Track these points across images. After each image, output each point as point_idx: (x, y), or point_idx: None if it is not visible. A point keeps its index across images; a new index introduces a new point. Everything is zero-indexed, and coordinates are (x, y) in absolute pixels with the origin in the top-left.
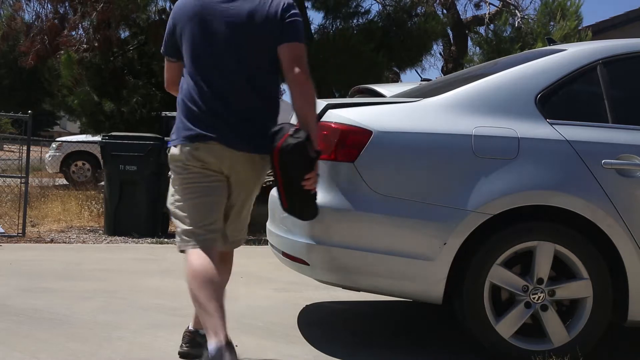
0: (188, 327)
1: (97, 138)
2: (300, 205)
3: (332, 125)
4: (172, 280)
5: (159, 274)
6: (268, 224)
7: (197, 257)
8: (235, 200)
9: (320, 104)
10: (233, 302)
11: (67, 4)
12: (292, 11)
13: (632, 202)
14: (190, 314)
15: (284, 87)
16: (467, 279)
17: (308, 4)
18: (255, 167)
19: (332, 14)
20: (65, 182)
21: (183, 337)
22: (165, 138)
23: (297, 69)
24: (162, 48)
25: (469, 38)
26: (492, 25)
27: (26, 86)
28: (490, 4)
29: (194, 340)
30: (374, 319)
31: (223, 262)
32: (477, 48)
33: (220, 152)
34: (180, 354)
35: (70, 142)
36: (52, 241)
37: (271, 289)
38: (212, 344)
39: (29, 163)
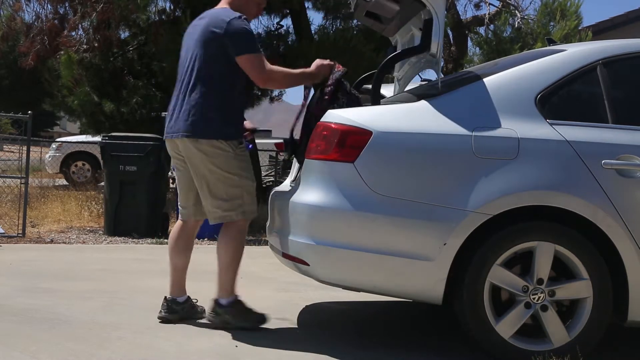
0: (166, 296)
1: (97, 138)
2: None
3: (332, 125)
4: None
5: (159, 274)
6: (268, 225)
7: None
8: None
9: None
10: None
11: (67, 5)
12: None
13: (632, 202)
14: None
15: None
16: (467, 279)
17: (308, 4)
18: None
19: (332, 15)
20: (65, 182)
21: (162, 304)
22: None
23: None
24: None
25: (469, 38)
26: (492, 25)
27: (26, 86)
28: (490, 4)
29: (171, 307)
30: (374, 319)
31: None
32: (477, 48)
33: None
34: (159, 318)
35: (70, 142)
36: (52, 241)
37: (271, 289)
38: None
39: (28, 163)
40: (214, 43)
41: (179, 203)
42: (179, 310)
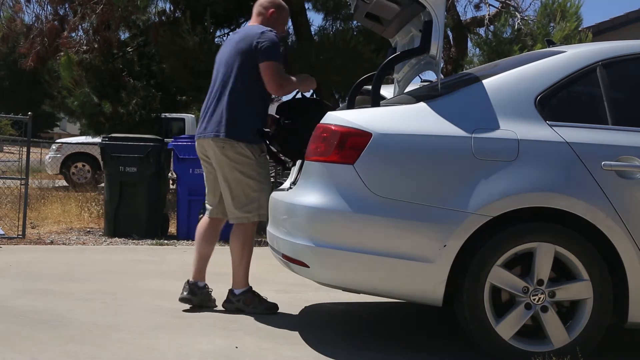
0: (189, 279)
1: (97, 139)
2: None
3: (332, 127)
4: (172, 281)
5: (159, 275)
6: (268, 226)
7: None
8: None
9: None
10: None
11: (67, 6)
12: None
13: (632, 203)
14: (190, 315)
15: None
16: (467, 281)
17: (308, 5)
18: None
19: (332, 16)
20: (65, 183)
21: (184, 286)
22: (165, 139)
23: None
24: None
25: (468, 39)
26: (491, 26)
27: (26, 88)
28: (490, 5)
29: (193, 290)
30: (374, 320)
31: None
32: (477, 49)
33: None
34: (180, 299)
35: (70, 143)
36: (52, 243)
37: (271, 291)
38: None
39: (28, 164)
40: (247, 52)
41: (206, 201)
42: (199, 293)
